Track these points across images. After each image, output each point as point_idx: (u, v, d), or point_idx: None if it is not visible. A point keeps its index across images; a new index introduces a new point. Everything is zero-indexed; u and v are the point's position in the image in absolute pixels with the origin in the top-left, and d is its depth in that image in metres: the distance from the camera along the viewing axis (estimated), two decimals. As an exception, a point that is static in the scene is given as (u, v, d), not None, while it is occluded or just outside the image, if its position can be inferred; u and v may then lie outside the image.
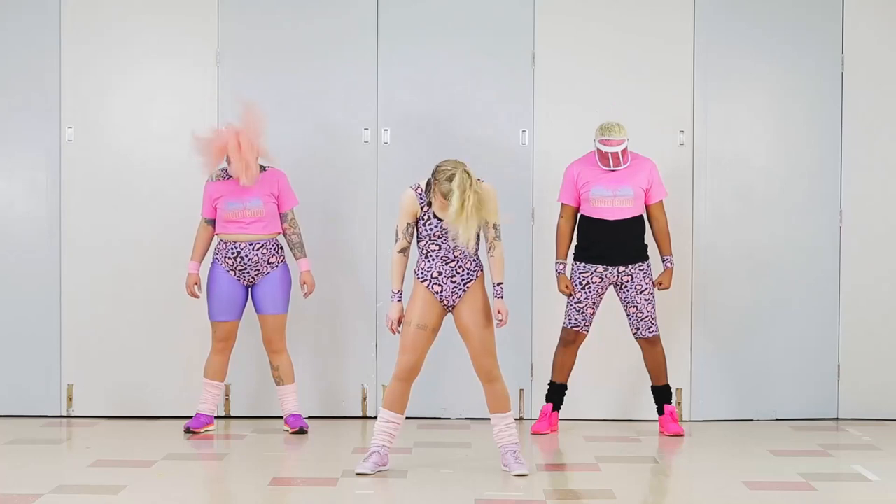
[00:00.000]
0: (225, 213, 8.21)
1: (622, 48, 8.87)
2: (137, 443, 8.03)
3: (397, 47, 8.88)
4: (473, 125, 8.84)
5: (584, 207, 8.29)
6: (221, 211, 8.21)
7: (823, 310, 8.95)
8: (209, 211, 8.27)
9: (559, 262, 8.34)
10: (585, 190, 8.26)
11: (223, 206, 8.20)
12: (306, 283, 8.37)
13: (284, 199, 8.31)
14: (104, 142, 8.87)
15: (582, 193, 8.28)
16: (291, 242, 8.35)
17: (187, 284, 8.32)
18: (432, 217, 6.94)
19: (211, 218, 8.27)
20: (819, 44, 8.91)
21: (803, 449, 7.92)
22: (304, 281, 8.37)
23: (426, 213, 6.95)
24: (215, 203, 8.23)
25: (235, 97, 8.53)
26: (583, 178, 8.28)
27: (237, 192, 8.20)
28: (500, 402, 7.05)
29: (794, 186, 8.94)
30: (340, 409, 8.95)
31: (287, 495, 6.69)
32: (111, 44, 8.86)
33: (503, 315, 7.05)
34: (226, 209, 8.20)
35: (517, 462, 7.01)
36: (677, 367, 8.76)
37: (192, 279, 8.32)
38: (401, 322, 7.04)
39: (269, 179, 8.29)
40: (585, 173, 8.29)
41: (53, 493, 6.51)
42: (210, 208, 8.26)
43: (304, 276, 8.37)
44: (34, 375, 8.88)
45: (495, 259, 7.07)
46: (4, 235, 8.90)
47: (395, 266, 7.07)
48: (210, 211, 8.26)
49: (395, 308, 7.07)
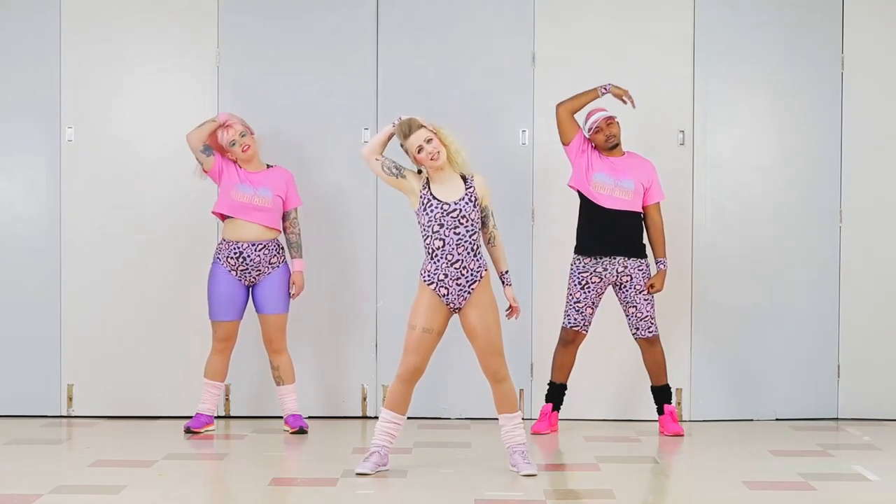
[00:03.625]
0: (234, 195, 8.19)
1: (622, 48, 8.87)
2: (137, 443, 8.03)
3: (397, 47, 8.89)
4: (473, 125, 8.84)
5: (587, 189, 8.28)
6: (231, 194, 8.19)
7: (823, 310, 8.95)
8: (218, 161, 8.23)
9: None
10: (590, 172, 8.26)
11: (235, 190, 8.20)
12: (295, 283, 8.36)
13: (290, 198, 8.33)
14: (104, 142, 8.87)
15: (584, 174, 8.27)
16: (290, 242, 8.35)
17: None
18: (432, 199, 6.94)
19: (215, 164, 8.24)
20: (819, 44, 8.92)
21: (803, 449, 7.92)
22: (293, 281, 8.36)
23: (426, 195, 6.95)
24: (223, 168, 8.22)
25: (234, 96, 8.55)
26: (590, 157, 8.26)
27: (250, 178, 8.21)
28: (507, 402, 7.05)
29: (794, 186, 8.94)
30: (340, 409, 8.96)
31: (287, 495, 6.69)
32: (111, 44, 8.86)
33: (515, 303, 7.09)
34: (237, 191, 8.19)
35: (525, 462, 7.01)
36: (677, 367, 8.76)
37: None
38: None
39: (279, 176, 8.31)
40: (592, 152, 8.28)
41: (53, 493, 6.51)
42: (219, 163, 8.23)
43: (295, 277, 8.36)
44: (34, 375, 8.88)
45: (497, 248, 7.10)
46: (4, 235, 8.90)
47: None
48: (219, 161, 8.23)
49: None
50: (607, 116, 8.25)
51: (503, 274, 7.13)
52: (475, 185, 7.00)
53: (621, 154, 8.35)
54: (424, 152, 6.92)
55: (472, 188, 6.97)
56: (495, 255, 7.13)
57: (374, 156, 7.05)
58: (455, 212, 6.92)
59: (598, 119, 8.24)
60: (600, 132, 8.26)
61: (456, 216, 6.92)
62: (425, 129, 6.95)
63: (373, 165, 7.07)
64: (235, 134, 8.20)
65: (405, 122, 7.00)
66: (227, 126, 8.21)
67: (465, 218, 6.92)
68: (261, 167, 8.32)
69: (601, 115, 8.25)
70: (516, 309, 7.14)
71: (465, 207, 6.92)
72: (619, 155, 8.34)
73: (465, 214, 6.92)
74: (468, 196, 6.94)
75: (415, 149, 6.94)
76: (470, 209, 6.93)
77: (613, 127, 8.28)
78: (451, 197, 6.95)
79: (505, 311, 7.14)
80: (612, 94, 8.27)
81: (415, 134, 6.94)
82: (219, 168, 8.23)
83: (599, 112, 8.27)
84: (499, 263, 7.13)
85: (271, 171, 8.33)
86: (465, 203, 6.93)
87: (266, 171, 8.32)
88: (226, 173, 8.23)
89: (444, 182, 6.98)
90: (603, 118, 8.24)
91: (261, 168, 8.31)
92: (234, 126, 8.21)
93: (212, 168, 8.22)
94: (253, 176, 8.26)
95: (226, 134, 8.20)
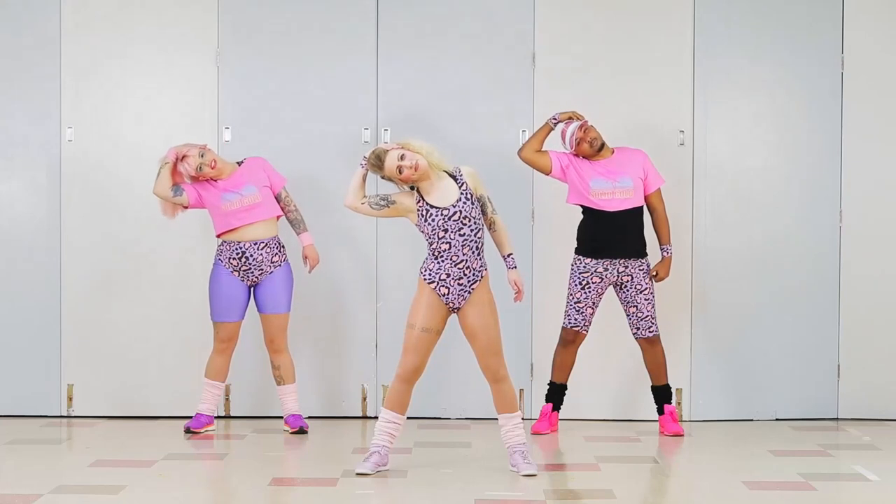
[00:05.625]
0: (224, 207, 8.18)
1: (622, 48, 8.87)
2: (137, 443, 8.03)
3: (397, 47, 8.89)
4: (473, 125, 8.85)
5: (585, 199, 8.28)
6: (221, 208, 8.18)
7: (823, 310, 8.95)
8: (192, 191, 8.21)
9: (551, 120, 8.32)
10: (585, 183, 8.25)
11: (221, 203, 8.18)
12: (308, 257, 8.33)
13: (274, 182, 8.31)
14: (104, 142, 8.87)
15: (581, 185, 8.26)
16: (291, 220, 8.33)
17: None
18: (430, 209, 6.93)
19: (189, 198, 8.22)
20: (819, 44, 8.91)
21: (803, 449, 7.92)
22: (305, 255, 8.33)
23: (423, 207, 6.94)
24: (200, 193, 8.20)
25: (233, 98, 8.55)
26: (579, 170, 8.24)
27: (227, 186, 8.19)
28: (507, 402, 7.04)
29: (794, 186, 8.94)
30: (340, 409, 8.96)
31: (287, 495, 6.69)
32: (111, 44, 8.86)
33: (520, 286, 7.08)
34: (224, 203, 8.18)
35: (525, 462, 7.01)
36: (677, 367, 8.76)
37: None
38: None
39: (254, 168, 8.28)
40: (578, 163, 8.27)
41: (53, 493, 6.51)
42: (194, 192, 8.21)
43: (307, 251, 8.32)
44: (34, 375, 8.88)
45: (498, 232, 7.08)
46: (4, 235, 8.90)
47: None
48: (192, 190, 8.21)
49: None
50: (579, 125, 8.23)
51: (507, 257, 7.10)
52: (465, 178, 6.98)
53: (611, 153, 8.34)
54: (405, 169, 6.89)
55: (464, 183, 6.96)
56: (498, 240, 7.10)
57: (358, 201, 7.05)
58: (456, 214, 6.91)
59: (574, 131, 8.23)
60: (582, 142, 8.25)
61: (458, 219, 6.91)
62: (393, 150, 6.93)
63: (362, 210, 7.07)
64: (196, 159, 8.14)
65: (372, 155, 6.98)
66: (183, 158, 8.15)
67: (467, 218, 6.92)
68: (233, 168, 8.28)
69: (573, 126, 8.23)
70: (519, 295, 7.13)
71: (464, 207, 6.92)
72: (609, 154, 8.32)
73: (466, 214, 6.91)
74: (464, 195, 6.93)
75: (395, 171, 6.91)
76: (469, 208, 6.93)
77: (591, 131, 8.26)
78: (448, 201, 6.94)
79: (513, 295, 7.13)
80: (561, 120, 8.27)
81: (387, 159, 6.91)
82: (196, 196, 8.20)
83: (569, 126, 8.24)
84: (502, 247, 7.10)
85: (244, 166, 8.29)
86: (463, 203, 6.92)
87: (240, 169, 8.27)
88: (205, 195, 8.20)
89: (435, 189, 6.95)
90: (577, 128, 8.23)
91: (233, 169, 8.27)
92: (189, 153, 8.14)
93: (190, 201, 8.20)
94: (231, 181, 8.22)
95: (187, 164, 8.15)
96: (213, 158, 8.17)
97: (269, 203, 8.26)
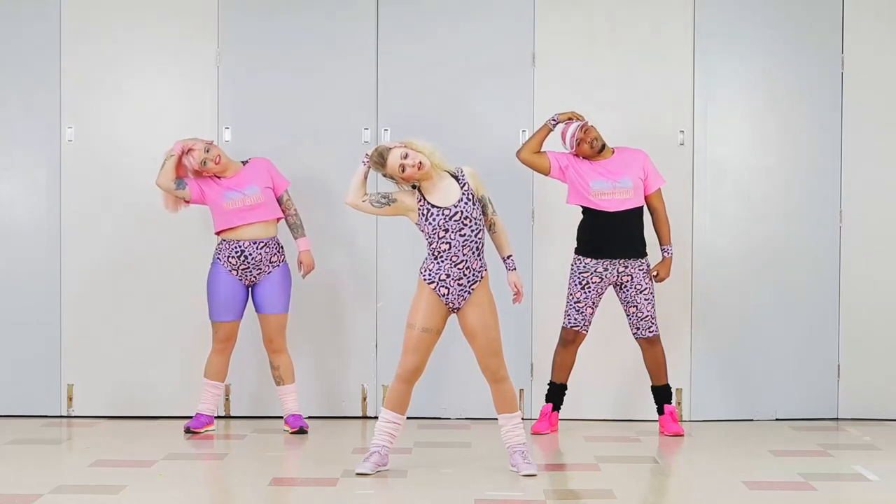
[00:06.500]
0: (226, 205, 8.18)
1: (622, 48, 8.87)
2: (137, 443, 8.03)
3: (397, 47, 8.89)
4: (473, 125, 8.85)
5: (585, 200, 8.28)
6: (223, 205, 8.19)
7: (823, 310, 8.95)
8: (194, 186, 8.21)
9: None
10: (585, 183, 8.25)
11: (224, 200, 8.19)
12: (303, 262, 8.34)
13: (277, 183, 8.32)
14: (104, 142, 8.87)
15: (581, 186, 8.26)
16: (290, 224, 8.34)
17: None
18: (431, 208, 6.93)
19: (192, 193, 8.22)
20: (819, 44, 8.91)
21: (803, 449, 7.92)
22: (300, 261, 8.34)
23: (424, 206, 6.94)
24: (202, 189, 8.20)
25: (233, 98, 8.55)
26: (578, 170, 8.25)
27: (230, 184, 8.19)
28: (507, 402, 7.04)
29: (794, 186, 8.94)
30: (340, 409, 8.96)
31: (287, 495, 6.69)
32: (111, 44, 8.86)
33: (519, 287, 7.08)
34: (226, 201, 8.18)
35: (525, 462, 7.01)
36: (677, 367, 8.76)
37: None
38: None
39: (258, 168, 8.29)
40: (578, 163, 8.27)
41: (53, 493, 6.51)
42: (197, 188, 8.21)
43: (302, 256, 8.33)
44: (34, 375, 8.88)
45: (498, 234, 7.08)
46: (4, 235, 8.90)
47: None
48: (195, 186, 8.21)
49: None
50: (580, 126, 8.23)
51: (506, 259, 7.11)
52: (467, 179, 6.98)
53: (611, 153, 8.34)
54: (408, 168, 6.89)
55: (466, 184, 6.96)
56: (498, 241, 7.10)
57: (359, 199, 7.05)
58: (457, 215, 6.91)
59: (574, 132, 8.23)
60: (582, 142, 8.25)
61: (459, 219, 6.91)
62: (397, 148, 6.92)
63: (363, 208, 7.06)
64: (201, 153, 8.14)
65: (374, 153, 6.98)
66: (188, 151, 8.16)
67: (468, 218, 6.92)
68: (238, 167, 8.29)
69: (573, 127, 8.22)
70: (518, 296, 7.13)
71: (465, 208, 6.92)
72: (610, 155, 8.32)
73: (467, 215, 6.91)
74: (465, 195, 6.93)
75: (398, 170, 6.91)
76: (470, 208, 6.93)
77: (592, 132, 8.26)
78: (449, 201, 6.94)
79: (512, 297, 7.13)
80: (561, 121, 8.26)
81: (390, 157, 6.91)
82: (199, 192, 8.20)
83: (570, 126, 8.24)
84: (502, 249, 7.10)
85: (249, 166, 8.31)
86: (465, 203, 6.92)
87: (244, 168, 8.29)
88: (208, 191, 8.21)
89: (437, 189, 6.95)
90: (578, 129, 8.22)
91: (238, 168, 8.28)
92: (195, 148, 8.14)
93: (192, 196, 8.20)
94: (234, 180, 8.23)
95: (192, 158, 8.15)
96: (219, 154, 8.17)
97: (270, 204, 8.27)
